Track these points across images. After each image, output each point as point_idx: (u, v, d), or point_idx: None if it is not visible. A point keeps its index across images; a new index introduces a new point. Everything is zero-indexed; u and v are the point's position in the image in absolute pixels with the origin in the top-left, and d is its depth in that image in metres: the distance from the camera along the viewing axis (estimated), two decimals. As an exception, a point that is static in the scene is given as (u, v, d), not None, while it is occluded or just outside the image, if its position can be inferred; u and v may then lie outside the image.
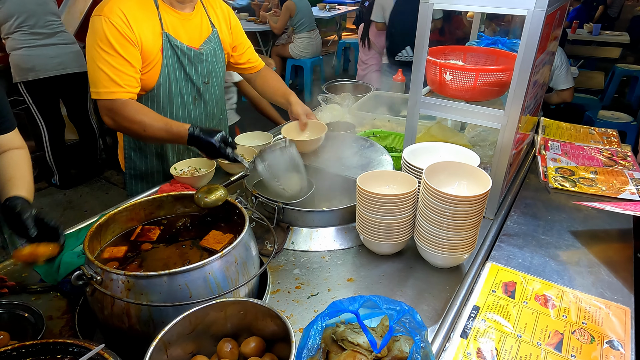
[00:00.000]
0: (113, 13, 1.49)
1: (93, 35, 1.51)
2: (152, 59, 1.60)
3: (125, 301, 0.96)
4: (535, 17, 1.21)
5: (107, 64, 1.50)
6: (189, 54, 1.68)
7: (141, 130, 1.53)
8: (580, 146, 2.08)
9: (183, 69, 1.70)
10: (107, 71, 1.50)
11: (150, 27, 1.57)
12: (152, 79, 1.64)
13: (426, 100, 1.51)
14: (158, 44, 1.59)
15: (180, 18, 1.65)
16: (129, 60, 1.52)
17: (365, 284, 1.25)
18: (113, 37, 1.48)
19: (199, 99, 1.82)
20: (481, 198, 1.15)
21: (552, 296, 1.18)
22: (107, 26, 1.48)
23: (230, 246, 1.07)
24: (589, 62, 6.08)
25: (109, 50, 1.49)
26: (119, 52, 1.49)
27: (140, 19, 1.54)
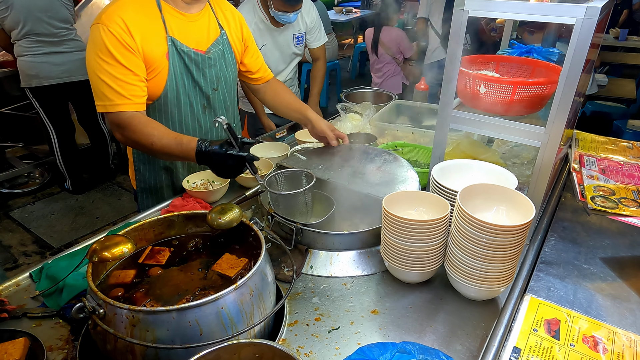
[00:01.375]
0: (111, 21, 1.40)
1: (92, 45, 1.42)
2: (157, 66, 1.50)
3: (129, 341, 0.87)
4: (585, 27, 1.09)
5: (109, 74, 1.41)
6: (196, 58, 1.58)
7: (149, 144, 1.42)
8: (618, 162, 1.94)
9: (191, 75, 1.59)
10: (109, 82, 1.41)
11: (154, 32, 1.47)
12: (159, 87, 1.54)
13: (457, 114, 1.40)
14: (163, 49, 1.50)
15: (186, 20, 1.55)
16: (132, 69, 1.43)
17: (391, 317, 1.14)
18: (113, 46, 1.39)
19: (208, 107, 1.71)
20: (523, 228, 1.04)
21: (602, 338, 1.05)
22: (106, 35, 1.39)
23: (245, 277, 0.97)
24: (615, 69, 5.86)
25: (109, 60, 1.40)
26: (120, 62, 1.40)
27: (141, 24, 1.44)
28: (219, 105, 1.75)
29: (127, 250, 1.06)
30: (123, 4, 1.45)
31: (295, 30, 2.71)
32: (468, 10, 1.23)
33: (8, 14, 3.30)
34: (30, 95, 3.59)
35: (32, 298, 1.23)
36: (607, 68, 5.77)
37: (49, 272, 1.29)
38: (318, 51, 2.89)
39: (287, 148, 1.99)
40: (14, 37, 3.41)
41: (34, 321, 1.15)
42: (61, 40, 3.55)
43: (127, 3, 1.45)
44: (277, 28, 2.63)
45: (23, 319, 1.15)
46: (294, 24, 2.68)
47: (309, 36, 2.81)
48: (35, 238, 3.56)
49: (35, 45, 3.43)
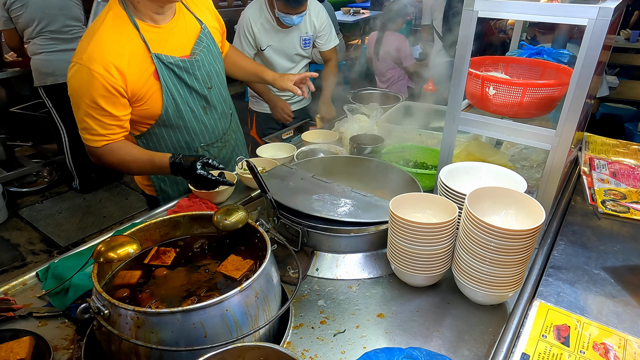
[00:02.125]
0: (95, 61, 1.39)
1: (76, 84, 1.44)
2: (148, 90, 1.52)
3: (133, 343, 0.87)
4: (597, 28, 1.07)
5: (91, 116, 1.46)
6: (184, 65, 1.58)
7: (127, 170, 1.61)
8: (629, 165, 1.91)
9: (184, 83, 1.61)
10: (91, 123, 1.47)
11: (138, 57, 1.48)
12: (157, 107, 1.57)
13: (466, 116, 1.38)
14: (149, 71, 1.50)
15: (164, 32, 1.55)
16: (113, 113, 1.47)
17: (398, 321, 1.13)
18: (96, 92, 1.41)
19: (208, 106, 1.74)
20: (532, 232, 1.02)
21: (613, 345, 1.03)
22: (90, 79, 1.40)
23: (250, 279, 0.96)
24: (626, 71, 5.78)
25: (92, 105, 1.44)
26: (103, 107, 1.44)
27: (124, 55, 1.44)
28: (217, 100, 1.77)
29: (132, 250, 1.06)
30: (102, 37, 1.43)
31: (302, 32, 2.70)
32: (477, 11, 1.22)
33: (23, 11, 3.34)
34: (44, 94, 3.61)
35: (39, 297, 1.23)
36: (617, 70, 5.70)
37: (55, 271, 1.30)
38: (329, 53, 2.87)
39: (293, 149, 1.99)
40: (27, 35, 3.44)
41: (40, 321, 1.15)
42: (74, 37, 3.58)
43: (106, 34, 1.44)
44: (283, 29, 2.63)
45: (29, 318, 1.15)
46: (300, 26, 2.67)
47: (319, 40, 2.79)
48: (43, 237, 3.59)
49: (50, 42, 3.47)
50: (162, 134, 1.66)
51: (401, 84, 4.67)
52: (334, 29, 2.88)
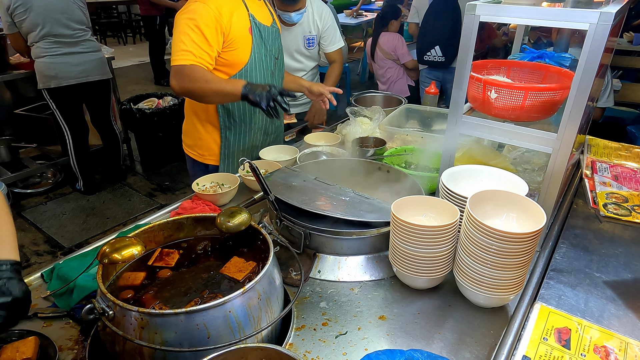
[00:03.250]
0: (210, 1, 1.72)
1: (186, 13, 1.72)
2: (242, 39, 1.83)
3: (137, 343, 0.88)
4: (598, 32, 1.08)
5: (188, 37, 1.69)
6: (267, 30, 1.95)
7: (203, 83, 1.70)
8: (631, 169, 1.91)
9: (265, 46, 1.94)
10: (186, 42, 1.69)
11: (239, 12, 1.81)
12: (245, 56, 1.87)
13: (467, 119, 1.39)
14: (247, 25, 1.84)
15: (257, 3, 1.95)
16: (210, 41, 1.72)
17: (399, 323, 1.14)
18: (202, 19, 1.69)
19: (275, 73, 2.06)
20: (534, 235, 1.02)
21: (614, 348, 1.04)
22: (202, 8, 1.70)
23: (253, 280, 0.97)
24: (629, 73, 5.77)
25: (193, 27, 1.69)
26: (203, 32, 1.70)
27: (230, 6, 1.78)
28: (279, 71, 2.12)
29: (136, 252, 1.07)
30: None
31: (305, 32, 2.71)
32: (479, 15, 1.23)
33: (27, 16, 3.35)
34: (48, 97, 3.64)
35: (43, 298, 1.24)
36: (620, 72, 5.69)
37: (60, 272, 1.31)
38: (334, 55, 2.88)
39: (296, 151, 2.00)
40: (31, 39, 3.47)
41: (45, 321, 1.16)
42: (78, 40, 3.60)
43: None
44: (286, 27, 2.64)
45: (34, 318, 1.16)
46: (303, 25, 2.67)
47: (323, 40, 2.80)
48: (47, 237, 3.61)
49: (54, 46, 3.49)
50: None
51: (401, 82, 4.70)
52: (339, 32, 2.88)
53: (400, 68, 4.66)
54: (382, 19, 4.68)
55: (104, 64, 3.85)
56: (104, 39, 10.91)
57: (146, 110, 4.37)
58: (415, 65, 4.58)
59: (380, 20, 4.69)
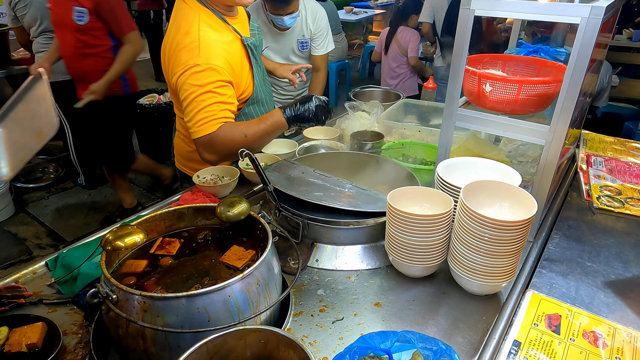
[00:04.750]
0: (214, 59, 1.53)
1: (197, 81, 1.52)
2: (244, 71, 1.72)
3: (140, 325, 0.91)
4: (589, 26, 1.11)
5: (208, 105, 1.53)
6: (255, 43, 1.80)
7: (242, 137, 1.57)
8: (625, 162, 1.94)
9: (255, 59, 1.82)
10: (208, 110, 1.53)
11: (236, 46, 1.68)
12: (250, 85, 1.78)
13: (463, 112, 1.42)
14: (243, 55, 1.72)
15: (239, 18, 1.79)
16: (227, 100, 1.58)
17: (394, 309, 1.17)
18: (216, 83, 1.53)
19: (265, 78, 1.96)
20: (525, 223, 1.05)
21: (603, 333, 1.07)
22: (212, 74, 1.52)
23: (252, 266, 1.00)
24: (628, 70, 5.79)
25: (211, 93, 1.53)
26: (221, 93, 1.55)
27: (229, 49, 1.61)
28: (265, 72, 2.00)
29: (139, 240, 1.10)
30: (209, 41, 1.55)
31: (299, 35, 2.71)
32: (474, 9, 1.25)
33: (27, 11, 3.39)
34: None
35: (48, 285, 1.27)
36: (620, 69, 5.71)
37: (64, 261, 1.34)
38: (319, 60, 2.80)
39: (295, 145, 2.02)
40: (32, 34, 3.50)
41: (50, 307, 1.19)
42: None
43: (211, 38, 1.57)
44: (280, 32, 2.65)
45: (39, 305, 1.20)
46: (297, 29, 2.67)
47: (313, 42, 2.77)
48: (49, 231, 3.65)
49: (51, 42, 3.51)
50: (250, 112, 1.83)
51: (412, 81, 4.61)
52: (331, 36, 2.84)
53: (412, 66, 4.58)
54: (403, 12, 4.51)
55: None
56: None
57: (147, 105, 4.40)
58: (417, 64, 4.54)
59: (401, 14, 4.52)
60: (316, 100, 1.58)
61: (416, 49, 4.48)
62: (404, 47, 4.45)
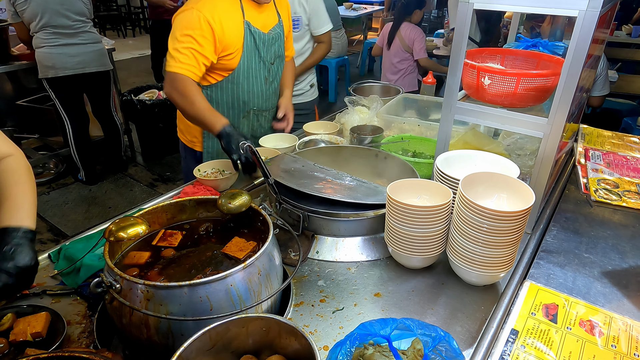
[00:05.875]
0: (206, 9, 1.70)
1: (180, 22, 1.72)
2: (235, 46, 1.82)
3: (143, 313, 0.92)
4: (587, 19, 1.12)
5: (181, 44, 1.69)
6: (263, 38, 1.91)
7: (189, 103, 1.72)
8: (623, 156, 1.95)
9: (258, 52, 1.92)
10: (179, 48, 1.70)
11: (234, 19, 1.79)
12: (234, 63, 1.87)
13: (462, 105, 1.43)
14: (240, 33, 1.82)
15: (257, 8, 1.90)
16: (203, 46, 1.71)
17: (394, 300, 1.18)
18: (197, 26, 1.68)
19: (269, 78, 2.04)
20: (523, 214, 1.07)
21: (599, 322, 1.08)
22: (197, 17, 1.68)
23: (254, 257, 1.02)
24: (627, 65, 5.80)
25: (189, 33, 1.69)
26: (196, 38, 1.69)
27: (227, 13, 1.76)
28: (275, 76, 2.09)
29: (142, 231, 1.11)
30: None
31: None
32: (473, 3, 1.26)
33: (27, 6, 3.39)
34: (47, 86, 3.68)
35: (51, 277, 1.29)
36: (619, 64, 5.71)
37: (66, 253, 1.35)
38: (323, 37, 2.80)
39: (295, 139, 2.04)
40: (32, 29, 3.51)
41: (53, 298, 1.20)
42: (76, 32, 3.63)
43: None
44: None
45: (43, 295, 1.21)
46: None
47: (311, 23, 2.71)
48: (50, 226, 3.66)
49: (52, 37, 3.52)
50: (227, 88, 1.94)
51: (412, 77, 4.60)
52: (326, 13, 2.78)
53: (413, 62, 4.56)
54: (407, 7, 4.46)
55: (103, 56, 3.87)
56: (103, 32, 10.90)
57: (147, 101, 4.41)
58: (428, 64, 4.51)
59: (404, 9, 4.48)
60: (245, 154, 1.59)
61: (424, 49, 4.43)
62: (407, 43, 4.44)
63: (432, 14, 9.40)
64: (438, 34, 6.77)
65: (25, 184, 1.12)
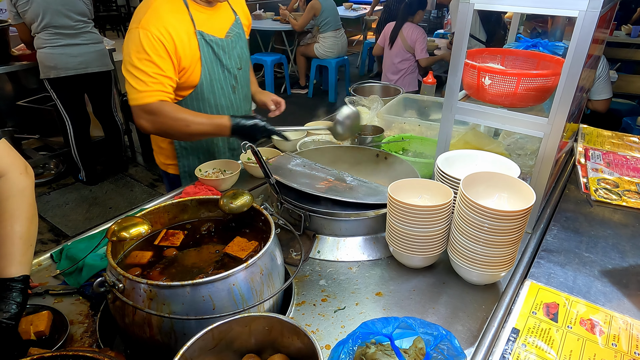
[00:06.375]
0: (151, 24, 1.52)
1: (127, 46, 1.55)
2: (192, 59, 1.65)
3: (146, 312, 0.93)
4: (587, 19, 1.12)
5: (140, 70, 1.53)
6: (221, 44, 1.73)
7: (184, 126, 1.56)
8: (623, 156, 1.96)
9: (219, 61, 1.75)
10: (141, 77, 1.53)
11: (185, 30, 1.61)
12: (195, 77, 1.69)
13: (462, 105, 1.43)
14: (194, 44, 1.64)
15: (208, 12, 1.71)
16: (163, 68, 1.55)
17: (395, 299, 1.19)
18: (149, 47, 1.51)
19: (237, 86, 1.87)
20: (524, 213, 1.07)
21: (600, 321, 1.09)
22: (145, 37, 1.51)
23: (255, 256, 1.02)
24: (627, 66, 5.80)
25: (142, 59, 1.52)
26: (154, 61, 1.53)
27: (175, 25, 1.57)
28: (244, 83, 1.92)
29: (144, 230, 1.11)
30: (158, 8, 1.57)
31: None
32: (474, 3, 1.27)
33: (29, 7, 3.39)
34: (49, 87, 3.68)
35: (54, 277, 1.29)
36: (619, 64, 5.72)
37: (68, 253, 1.36)
38: None
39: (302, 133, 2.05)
40: (33, 30, 3.51)
41: (56, 297, 1.21)
42: (78, 32, 3.64)
43: (161, 7, 1.57)
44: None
45: (45, 295, 1.21)
46: None
47: None
48: (50, 227, 3.67)
49: (54, 37, 3.52)
50: (193, 106, 1.75)
51: (412, 77, 4.62)
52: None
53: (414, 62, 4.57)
54: (410, 7, 4.48)
55: (104, 56, 3.88)
56: (103, 32, 10.90)
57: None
58: (429, 63, 4.53)
59: (408, 9, 4.49)
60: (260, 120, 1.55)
61: (425, 49, 4.45)
62: (409, 43, 4.45)
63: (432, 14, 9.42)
64: (438, 34, 6.79)
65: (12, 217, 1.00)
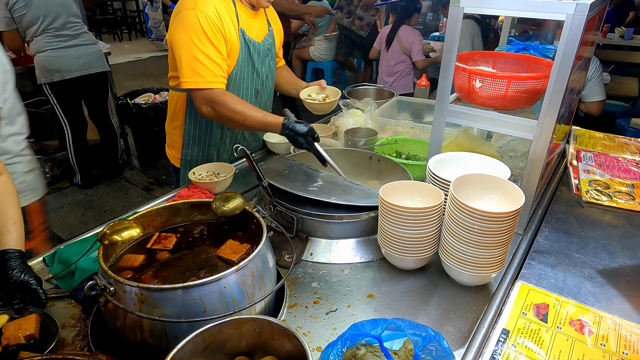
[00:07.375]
0: (207, 8, 1.58)
1: (186, 27, 1.58)
2: (231, 51, 1.71)
3: (137, 315, 0.93)
4: (574, 23, 1.14)
5: (203, 54, 1.58)
6: (258, 47, 1.81)
7: (241, 119, 1.62)
8: (614, 157, 1.97)
9: (252, 63, 1.82)
10: (204, 62, 1.58)
11: (232, 23, 1.69)
12: (229, 70, 1.74)
13: (453, 108, 1.44)
14: (236, 39, 1.71)
15: (250, 15, 1.80)
16: (221, 52, 1.63)
17: (387, 301, 1.19)
18: (208, 30, 1.58)
19: (260, 92, 1.94)
20: (513, 215, 1.08)
21: (589, 321, 1.10)
22: (203, 19, 1.57)
23: (247, 259, 1.03)
24: (620, 68, 5.86)
25: (204, 42, 1.58)
26: (214, 44, 1.59)
27: (225, 15, 1.65)
28: (267, 90, 2.00)
29: (136, 234, 1.12)
30: None
31: None
32: (463, 7, 1.28)
33: (27, 10, 3.37)
34: (49, 91, 3.65)
35: (46, 280, 1.29)
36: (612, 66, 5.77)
37: (61, 256, 1.36)
38: None
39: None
40: (31, 34, 3.48)
41: (48, 301, 1.20)
42: (77, 33, 3.65)
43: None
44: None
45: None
46: None
47: None
48: (45, 231, 3.65)
49: (55, 39, 3.51)
50: None
51: (407, 79, 4.65)
52: None
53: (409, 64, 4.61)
54: (406, 10, 4.53)
55: (102, 57, 3.90)
56: (99, 36, 10.90)
57: (143, 105, 4.41)
58: (426, 65, 4.56)
59: (405, 12, 4.54)
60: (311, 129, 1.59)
61: (421, 51, 4.49)
62: (406, 46, 4.49)
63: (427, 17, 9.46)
64: (433, 36, 6.82)
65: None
